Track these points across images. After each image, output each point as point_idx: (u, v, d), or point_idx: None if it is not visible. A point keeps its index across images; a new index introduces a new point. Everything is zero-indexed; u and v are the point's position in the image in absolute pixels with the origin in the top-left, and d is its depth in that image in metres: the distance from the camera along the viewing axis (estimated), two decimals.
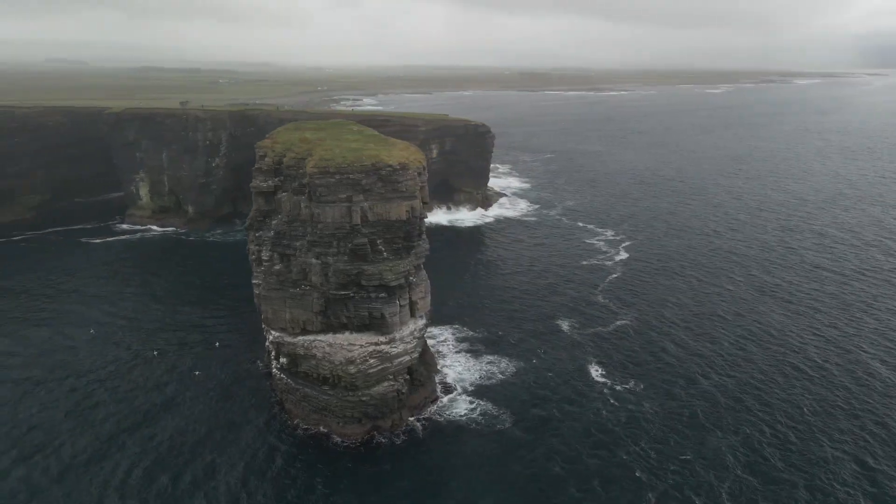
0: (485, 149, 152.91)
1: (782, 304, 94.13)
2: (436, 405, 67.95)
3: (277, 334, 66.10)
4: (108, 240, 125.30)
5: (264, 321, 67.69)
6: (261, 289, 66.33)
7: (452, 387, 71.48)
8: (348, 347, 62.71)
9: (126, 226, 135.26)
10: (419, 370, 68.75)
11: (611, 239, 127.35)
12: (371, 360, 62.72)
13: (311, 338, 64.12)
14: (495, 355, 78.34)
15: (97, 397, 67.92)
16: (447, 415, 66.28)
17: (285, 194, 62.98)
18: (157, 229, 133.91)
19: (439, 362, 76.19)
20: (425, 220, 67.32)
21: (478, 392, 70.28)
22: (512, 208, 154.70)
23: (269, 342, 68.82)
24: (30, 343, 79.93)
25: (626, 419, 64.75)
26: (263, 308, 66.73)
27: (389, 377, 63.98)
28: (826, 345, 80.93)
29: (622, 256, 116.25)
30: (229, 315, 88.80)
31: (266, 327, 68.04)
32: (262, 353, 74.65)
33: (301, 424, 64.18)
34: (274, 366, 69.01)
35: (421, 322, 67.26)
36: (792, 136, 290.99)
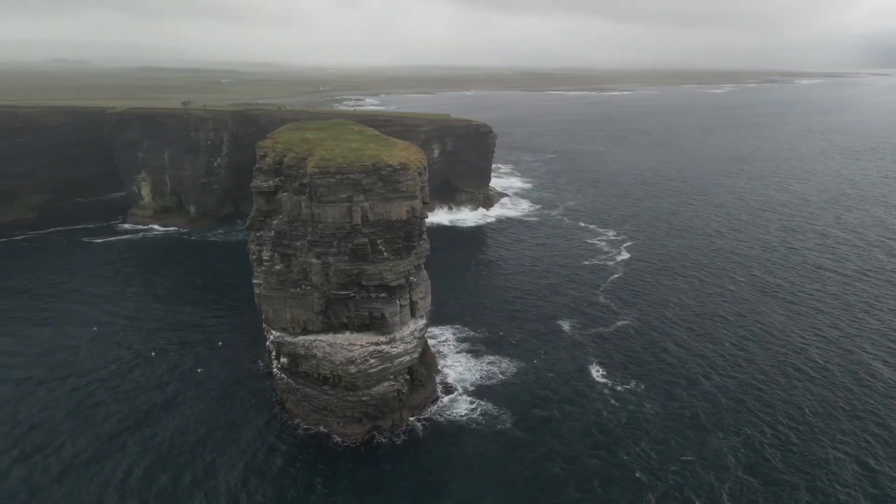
0: (486, 149, 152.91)
1: (784, 304, 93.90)
2: (436, 405, 67.93)
3: (278, 334, 66.16)
4: (109, 239, 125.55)
5: (265, 321, 67.75)
6: (261, 288, 66.39)
7: (453, 387, 71.44)
8: (349, 347, 62.75)
9: (128, 225, 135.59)
10: (420, 370, 68.72)
11: (612, 239, 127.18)
12: (371, 360, 62.73)
13: (311, 338, 64.17)
14: (496, 355, 78.28)
15: (98, 397, 68.06)
16: (448, 415, 66.24)
17: (286, 194, 63.01)
18: (158, 229, 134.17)
19: (440, 362, 76.15)
20: (426, 220, 67.30)
21: (478, 392, 70.23)
22: (514, 208, 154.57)
23: (269, 342, 68.87)
24: (31, 342, 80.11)
25: (626, 420, 64.65)
26: (264, 308, 66.78)
27: (390, 377, 63.99)
28: (828, 345, 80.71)
29: (624, 256, 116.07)
30: (230, 315, 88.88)
31: (267, 327, 68.12)
32: (263, 352, 74.67)
33: (301, 424, 64.21)
34: (275, 365, 69.06)
35: (421, 322, 67.25)
36: (795, 136, 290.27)
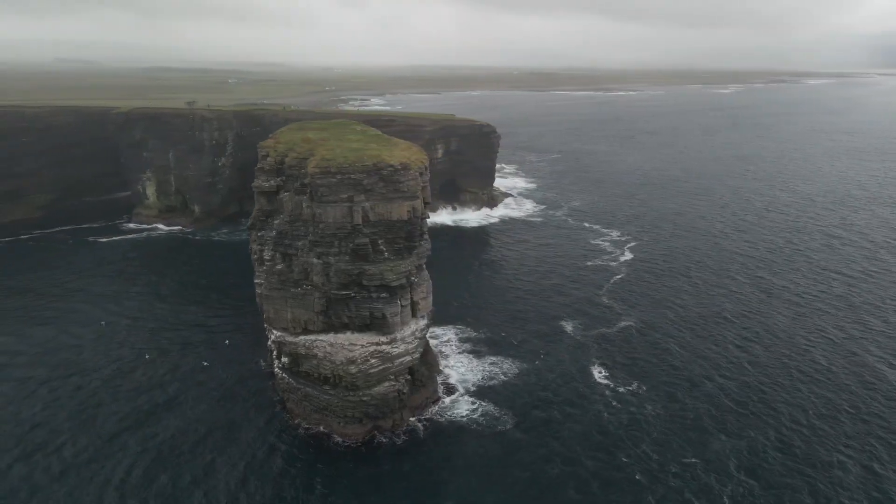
0: (490, 149, 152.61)
1: (789, 305, 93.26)
2: (437, 405, 67.82)
3: (279, 334, 66.21)
4: (114, 239, 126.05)
5: (266, 321, 67.82)
6: (263, 288, 66.45)
7: (455, 387, 71.29)
8: (349, 347, 62.71)
9: (133, 225, 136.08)
10: (420, 370, 68.62)
11: (616, 239, 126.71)
12: (372, 360, 62.67)
13: (312, 337, 64.17)
14: (498, 356, 78.08)
15: (100, 396, 68.26)
16: (448, 415, 66.10)
17: (287, 194, 63.04)
18: (163, 228, 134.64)
19: (442, 363, 76.03)
20: (428, 220, 67.20)
21: (480, 393, 70.05)
22: (517, 208, 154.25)
23: (270, 342, 68.94)
24: (34, 341, 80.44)
25: (627, 421, 64.33)
26: (265, 307, 66.84)
27: (390, 377, 63.90)
28: (832, 347, 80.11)
29: (627, 257, 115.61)
30: (234, 315, 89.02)
31: (268, 327, 68.20)
32: (265, 352, 74.75)
33: (302, 424, 64.20)
34: (276, 365, 69.10)
35: (422, 322, 67.14)
36: (801, 136, 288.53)
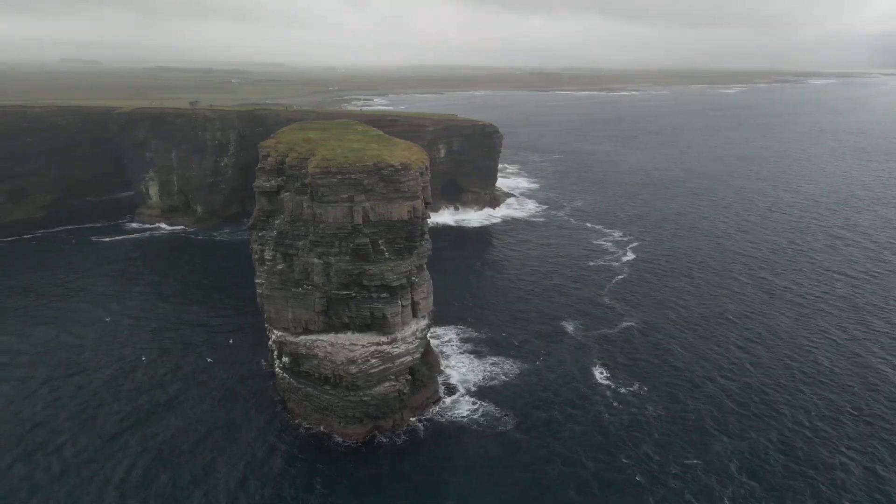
0: (492, 149, 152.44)
1: (791, 306, 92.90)
2: (438, 406, 67.74)
3: (280, 333, 66.22)
4: (117, 238, 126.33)
5: (267, 320, 67.86)
6: (264, 288, 66.49)
7: (455, 388, 71.21)
8: (350, 347, 62.68)
9: (135, 224, 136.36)
10: (421, 370, 68.55)
11: (618, 240, 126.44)
12: (372, 360, 62.62)
13: (312, 337, 64.17)
14: (499, 356, 77.97)
15: (101, 396, 68.36)
16: (449, 416, 66.02)
17: (288, 194, 63.07)
18: (166, 228, 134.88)
19: (443, 363, 75.94)
20: (430, 220, 67.14)
21: (480, 393, 69.94)
22: (520, 209, 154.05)
23: (271, 341, 68.98)
24: (36, 341, 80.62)
25: (628, 422, 64.14)
26: (266, 307, 66.87)
27: (391, 377, 63.85)
28: (835, 348, 79.77)
29: (629, 257, 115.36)
30: (235, 314, 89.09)
31: (269, 327, 68.26)
32: (266, 352, 74.77)
33: (303, 424, 64.19)
34: (276, 365, 69.13)
35: (423, 322, 67.07)
36: (805, 136, 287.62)
